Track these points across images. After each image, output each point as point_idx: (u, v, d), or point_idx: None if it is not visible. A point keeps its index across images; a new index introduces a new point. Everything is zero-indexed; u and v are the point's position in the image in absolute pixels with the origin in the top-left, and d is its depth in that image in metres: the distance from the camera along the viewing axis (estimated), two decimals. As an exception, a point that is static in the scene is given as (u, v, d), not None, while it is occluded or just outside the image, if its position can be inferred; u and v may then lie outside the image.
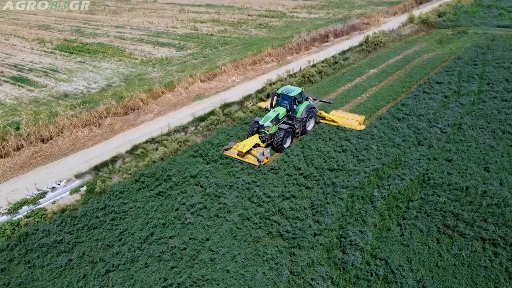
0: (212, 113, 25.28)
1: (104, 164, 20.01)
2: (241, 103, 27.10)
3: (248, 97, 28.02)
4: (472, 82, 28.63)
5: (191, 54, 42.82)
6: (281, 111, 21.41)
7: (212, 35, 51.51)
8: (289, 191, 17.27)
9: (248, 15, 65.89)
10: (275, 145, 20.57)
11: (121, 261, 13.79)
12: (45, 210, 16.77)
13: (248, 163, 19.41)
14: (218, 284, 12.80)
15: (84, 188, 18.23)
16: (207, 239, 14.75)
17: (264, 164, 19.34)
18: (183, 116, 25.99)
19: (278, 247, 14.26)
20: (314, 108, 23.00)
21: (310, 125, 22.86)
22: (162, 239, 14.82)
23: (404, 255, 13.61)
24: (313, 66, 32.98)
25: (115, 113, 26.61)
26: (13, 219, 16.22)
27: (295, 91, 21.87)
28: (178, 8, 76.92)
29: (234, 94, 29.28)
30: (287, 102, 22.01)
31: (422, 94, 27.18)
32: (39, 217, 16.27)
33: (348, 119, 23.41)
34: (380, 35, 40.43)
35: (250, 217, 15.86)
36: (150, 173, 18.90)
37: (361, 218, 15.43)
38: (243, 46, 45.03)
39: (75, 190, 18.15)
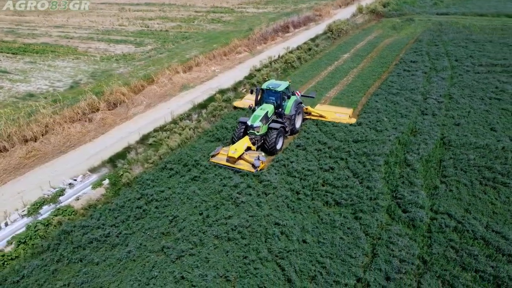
0: (211, 99, 24.52)
1: (118, 156, 18.49)
2: (234, 89, 26.58)
3: (239, 84, 27.55)
4: (442, 60, 30.86)
5: (154, 49, 41.15)
6: (269, 108, 18.95)
7: (167, 31, 50.00)
8: (325, 164, 17.27)
9: (195, 11, 64.87)
10: (267, 147, 18.20)
11: (188, 246, 12.82)
12: (71, 207, 15.05)
13: (241, 169, 16.90)
14: (301, 254, 12.41)
15: (107, 181, 16.67)
16: (267, 215, 14.23)
17: (261, 170, 17.04)
18: (176, 105, 24.89)
19: (342, 214, 14.19)
20: (301, 103, 21.07)
21: (298, 122, 20.73)
22: (220, 220, 14.02)
23: (461, 207, 14.25)
24: (291, 52, 33.29)
25: (97, 109, 24.76)
26: (39, 218, 14.39)
27: (281, 85, 19.58)
28: (115, 7, 73.39)
29: (222, 82, 28.69)
30: (273, 98, 19.78)
31: (403, 72, 28.70)
32: (69, 214, 14.57)
33: (337, 113, 21.74)
34: (342, 24, 41.96)
35: (300, 191, 15.61)
36: (175, 160, 17.81)
37: (407, 180, 15.89)
38: (205, 40, 44.21)
39: (98, 184, 16.54)
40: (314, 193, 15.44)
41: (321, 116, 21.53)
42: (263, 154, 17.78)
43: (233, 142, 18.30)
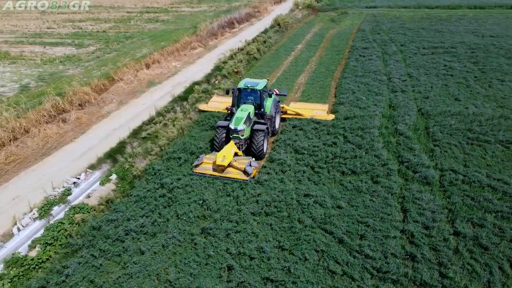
0: (189, 91, 24.23)
1: (115, 151, 17.66)
2: (207, 81, 26.47)
3: (210, 76, 27.50)
4: (390, 45, 33.57)
5: (98, 49, 39.16)
6: (250, 109, 17.29)
7: (104, 31, 47.79)
8: (327, 140, 18.12)
9: (127, 12, 62.63)
10: (255, 151, 16.69)
11: (230, 225, 12.79)
12: (86, 204, 14.15)
13: (232, 178, 15.26)
14: (342, 218, 13.03)
15: (114, 176, 15.86)
16: (294, 189, 14.67)
17: (253, 177, 15.48)
18: (151, 100, 24.23)
19: (362, 180, 15.10)
20: (279, 101, 20.27)
21: (277, 123, 19.42)
22: (251, 199, 14.14)
23: (459, 164, 15.94)
24: (249, 44, 33.88)
25: (63, 110, 23.24)
26: (56, 218, 13.38)
27: (260, 83, 18.12)
28: (35, 11, 68.07)
29: (188, 77, 28.43)
30: (252, 98, 18.20)
31: (360, 57, 30.74)
32: (87, 211, 13.72)
33: (314, 110, 20.84)
34: (287, 18, 43.49)
35: (314, 165, 16.25)
36: (180, 150, 17.48)
37: (406, 147, 17.32)
38: (150, 39, 43.01)
39: (106, 180, 15.68)
40: (328, 166, 16.17)
41: (298, 114, 20.48)
42: (253, 159, 16.19)
43: (215, 150, 16.78)
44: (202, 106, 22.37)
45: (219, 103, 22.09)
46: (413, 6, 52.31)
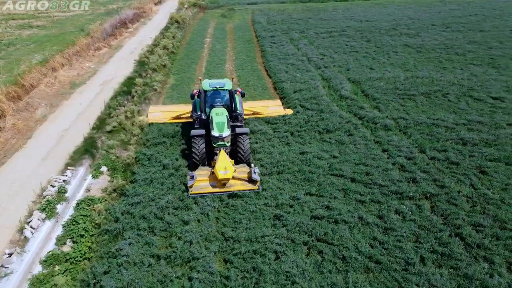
0: (128, 85, 23.63)
1: (85, 147, 16.71)
2: (140, 76, 25.91)
3: (138, 71, 26.89)
4: (292, 33, 37.01)
5: (-24, 58, 34.26)
6: (225, 112, 15.42)
7: (-30, 40, 41.58)
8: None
9: (-14, 20, 54.99)
10: (243, 157, 14.94)
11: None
12: (94, 196, 13.48)
13: (241, 191, 13.47)
14: (346, 166, 14.96)
15: (104, 168, 15.18)
16: (289, 150, 16.16)
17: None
18: (87, 99, 22.83)
19: (339, 135, 17.37)
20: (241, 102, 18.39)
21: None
22: (256, 162, 15.17)
23: (405, 113, 19.40)
24: (160, 40, 33.77)
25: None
26: (70, 214, 12.55)
27: (227, 83, 16.24)
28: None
29: (112, 74, 27.20)
30: (220, 100, 16.56)
31: (273, 44, 33.28)
32: (100, 202, 13.14)
33: (269, 107, 20.35)
34: (184, 15, 44.02)
35: (292, 131, 18.00)
36: (159, 135, 17.51)
37: (356, 106, 20.25)
38: (37, 44, 38.91)
39: (98, 172, 14.90)
40: (304, 129, 18.05)
41: (256, 113, 19.51)
42: (253, 165, 14.35)
43: (196, 163, 14.79)
44: (151, 119, 19.25)
45: (160, 112, 19.68)
46: (289, 1, 57.52)
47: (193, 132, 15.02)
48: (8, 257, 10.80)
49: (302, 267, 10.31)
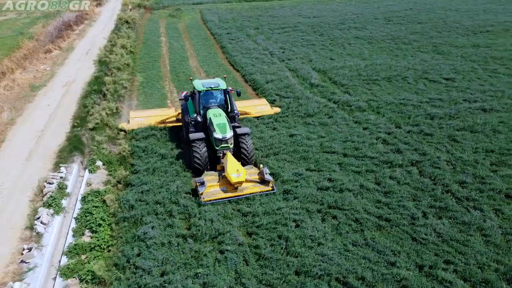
0: (98, 84, 23.16)
1: (71, 145, 16.41)
2: (105, 75, 25.39)
3: (104, 69, 26.34)
4: (246, 29, 37.87)
5: None
6: (222, 113, 15.07)
7: None
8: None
9: None
10: (247, 158, 14.48)
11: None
12: (98, 189, 13.42)
13: (256, 193, 13.04)
14: (335, 143, 16.11)
15: (100, 162, 15.03)
16: (278, 134, 17.02)
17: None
18: (54, 101, 22.03)
19: (320, 118, 18.54)
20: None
21: None
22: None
23: (372, 95, 21.09)
24: (117, 39, 33.12)
25: None
26: (79, 207, 12.49)
27: (221, 82, 15.78)
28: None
29: (73, 75, 26.50)
30: (215, 100, 16.20)
31: (232, 41, 33.83)
32: (107, 193, 13.14)
33: (257, 106, 19.93)
34: (132, 15, 43.26)
35: (275, 117, 18.83)
36: (151, 127, 17.47)
37: (329, 93, 21.61)
38: (-27, 49, 36.48)
39: (95, 167, 14.72)
40: (286, 115, 19.03)
41: (246, 113, 18.93)
42: (261, 165, 13.88)
43: (199, 168, 14.10)
44: (123, 125, 18.16)
45: (143, 118, 18.41)
46: (235, 1, 58.38)
47: (193, 135, 14.26)
48: (28, 251, 10.56)
49: (322, 230, 11.20)
